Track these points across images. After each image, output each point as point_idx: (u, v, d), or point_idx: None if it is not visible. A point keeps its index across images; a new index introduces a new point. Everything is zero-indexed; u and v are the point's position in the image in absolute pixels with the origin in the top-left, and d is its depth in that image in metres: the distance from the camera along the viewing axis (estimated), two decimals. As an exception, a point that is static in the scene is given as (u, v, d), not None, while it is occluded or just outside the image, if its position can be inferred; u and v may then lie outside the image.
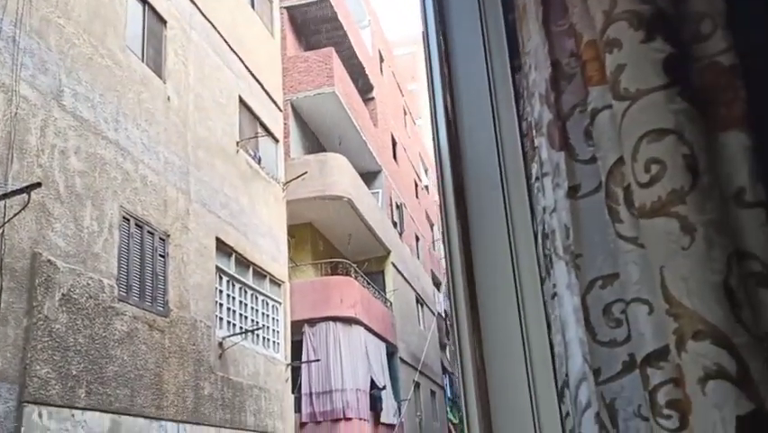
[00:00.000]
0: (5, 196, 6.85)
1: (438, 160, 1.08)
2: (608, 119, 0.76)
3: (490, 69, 1.00)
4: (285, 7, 19.57)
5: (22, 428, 6.86)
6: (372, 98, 24.55)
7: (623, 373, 0.71)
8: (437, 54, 1.06)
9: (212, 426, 10.53)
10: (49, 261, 7.57)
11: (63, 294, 7.72)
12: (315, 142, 20.79)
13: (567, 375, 0.76)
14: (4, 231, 6.90)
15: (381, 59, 27.40)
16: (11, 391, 6.83)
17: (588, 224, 0.76)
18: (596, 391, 0.70)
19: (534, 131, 0.87)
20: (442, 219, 1.05)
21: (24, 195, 6.96)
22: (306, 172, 16.27)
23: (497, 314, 0.94)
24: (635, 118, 0.72)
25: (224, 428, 10.91)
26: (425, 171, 35.12)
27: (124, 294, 8.92)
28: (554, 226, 0.78)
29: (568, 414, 0.77)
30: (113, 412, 8.26)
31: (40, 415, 7.12)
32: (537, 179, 0.88)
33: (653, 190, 0.69)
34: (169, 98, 10.67)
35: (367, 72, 23.75)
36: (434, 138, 1.11)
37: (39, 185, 7.05)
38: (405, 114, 31.16)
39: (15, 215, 6.97)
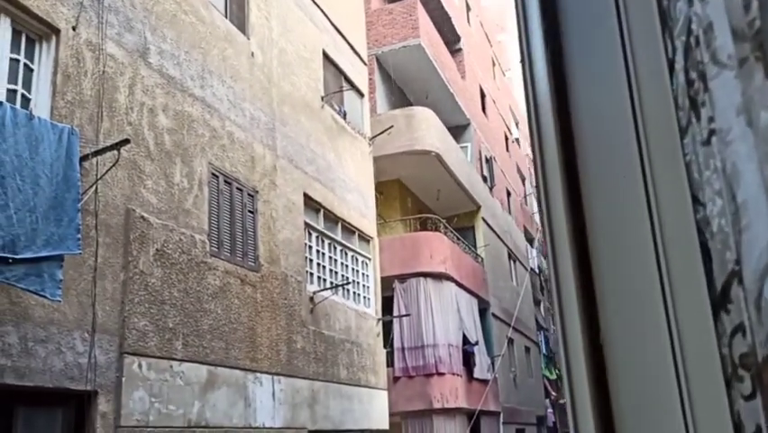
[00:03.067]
0: (97, 153, 6.98)
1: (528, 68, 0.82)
2: None
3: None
4: (367, -41, 19.16)
5: (123, 378, 7.09)
6: (460, 50, 23.88)
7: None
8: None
9: (305, 378, 10.67)
10: (142, 217, 7.71)
11: (157, 249, 7.88)
12: (401, 96, 20.47)
13: (739, 264, 0.49)
14: (97, 188, 7.05)
15: (468, 9, 26.57)
16: (111, 342, 7.05)
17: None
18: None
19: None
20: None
21: (115, 152, 7.07)
22: (392, 126, 16.02)
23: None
24: None
25: (318, 380, 11.03)
26: (516, 124, 34.22)
27: (216, 249, 9.04)
28: (711, 16, 0.50)
29: (739, 328, 0.50)
30: (209, 364, 8.44)
31: (139, 366, 7.35)
32: None
33: None
34: (252, 54, 10.63)
35: (453, 23, 23.07)
36: (525, 76, 0.84)
37: (127, 141, 7.14)
38: (493, 65, 30.25)
39: (107, 171, 7.10)
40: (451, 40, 22.84)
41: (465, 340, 17.84)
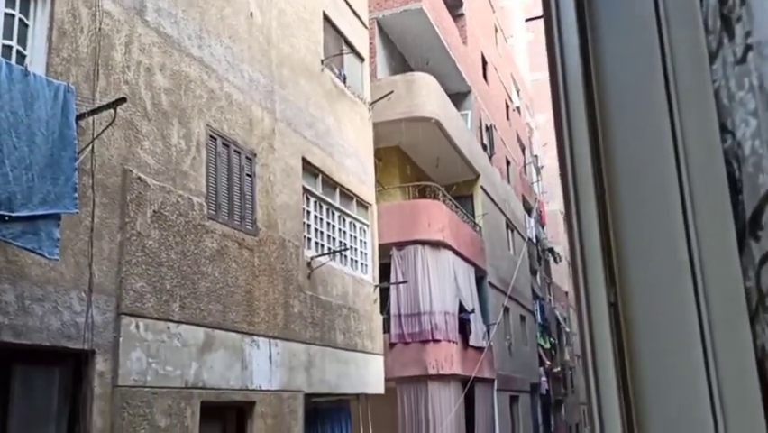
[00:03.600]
0: (93, 111, 6.89)
1: None
2: None
3: None
4: None
5: (121, 339, 7.11)
6: (462, 15, 23.58)
7: None
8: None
9: (302, 342, 10.72)
10: (139, 178, 7.66)
11: (154, 211, 7.84)
12: (401, 62, 20.25)
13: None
14: (94, 147, 6.99)
15: (471, -26, 26.15)
16: (108, 302, 7.06)
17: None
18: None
19: None
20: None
21: (111, 111, 6.98)
22: (392, 92, 15.87)
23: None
24: None
25: (314, 345, 11.09)
26: (517, 92, 33.98)
27: (213, 212, 9.01)
28: None
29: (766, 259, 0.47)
30: (206, 326, 8.47)
31: (137, 327, 7.36)
32: None
33: None
34: (251, 14, 10.46)
35: (456, -13, 22.73)
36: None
37: (124, 100, 7.05)
38: (496, 32, 29.90)
39: (103, 130, 7.02)
40: (453, 4, 22.54)
41: (461, 308, 17.94)
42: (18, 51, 6.53)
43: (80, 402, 6.75)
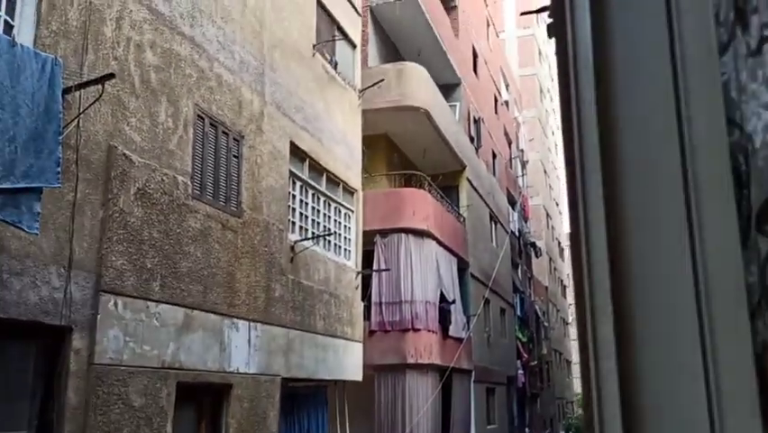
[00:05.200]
0: (81, 86, 6.80)
1: None
2: None
3: None
4: None
5: (99, 316, 7.05)
6: (455, 7, 23.52)
7: None
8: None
9: (282, 326, 10.71)
10: (124, 154, 7.58)
11: (138, 188, 7.77)
12: (393, 51, 20.19)
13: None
14: (79, 122, 6.90)
15: (466, -34, 26.07)
16: (87, 279, 6.99)
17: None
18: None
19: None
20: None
21: (99, 86, 6.90)
22: (383, 80, 15.82)
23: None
24: None
25: (294, 329, 11.09)
26: (506, 87, 34.01)
27: (198, 192, 8.95)
28: None
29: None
30: (186, 306, 8.43)
31: (115, 304, 7.31)
32: None
33: None
34: (244, -5, 10.35)
35: (450, -22, 22.66)
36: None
37: (112, 76, 6.97)
38: (488, 25, 29.88)
39: (90, 105, 6.94)
40: (447, -5, 22.46)
41: (442, 298, 18.00)
42: (6, 22, 6.42)
43: (55, 379, 6.70)
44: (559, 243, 54.60)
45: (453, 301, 18.71)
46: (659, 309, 0.55)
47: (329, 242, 12.95)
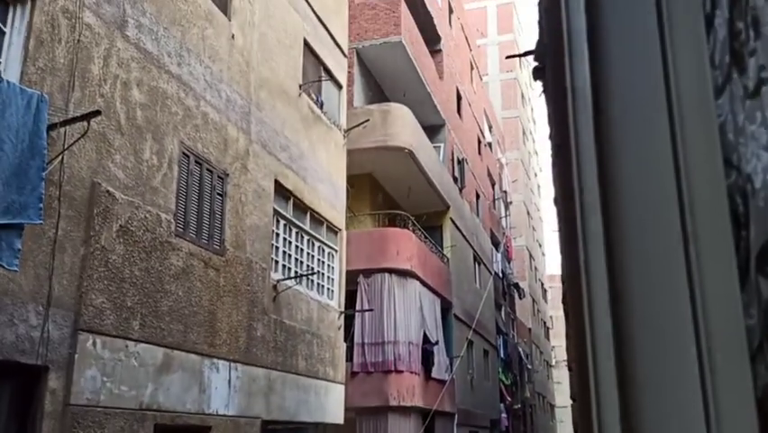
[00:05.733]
0: (66, 122, 6.79)
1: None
2: None
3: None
4: (354, -49, 19.04)
5: (76, 355, 6.91)
6: (439, 51, 23.90)
7: None
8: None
9: (263, 367, 10.56)
10: (107, 191, 7.54)
11: (120, 225, 7.71)
12: (378, 92, 20.41)
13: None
14: (63, 158, 6.87)
15: (451, 11, 26.62)
16: (66, 318, 6.87)
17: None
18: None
19: None
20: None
21: (84, 123, 6.89)
22: (368, 120, 15.97)
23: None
24: None
25: (275, 370, 10.93)
26: (489, 128, 34.43)
27: (181, 230, 8.89)
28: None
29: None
30: (166, 346, 8.29)
31: (94, 343, 7.18)
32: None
33: None
34: (233, 36, 10.47)
35: (435, 23, 23.08)
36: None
37: (98, 113, 6.97)
38: (471, 69, 30.37)
39: (75, 141, 6.91)
40: (431, 39, 22.85)
41: (426, 339, 17.87)
42: (-8, 57, 6.42)
43: (29, 420, 6.52)
44: (542, 284, 54.67)
45: (437, 342, 18.59)
46: (658, 354, 0.55)
47: (312, 281, 12.88)
